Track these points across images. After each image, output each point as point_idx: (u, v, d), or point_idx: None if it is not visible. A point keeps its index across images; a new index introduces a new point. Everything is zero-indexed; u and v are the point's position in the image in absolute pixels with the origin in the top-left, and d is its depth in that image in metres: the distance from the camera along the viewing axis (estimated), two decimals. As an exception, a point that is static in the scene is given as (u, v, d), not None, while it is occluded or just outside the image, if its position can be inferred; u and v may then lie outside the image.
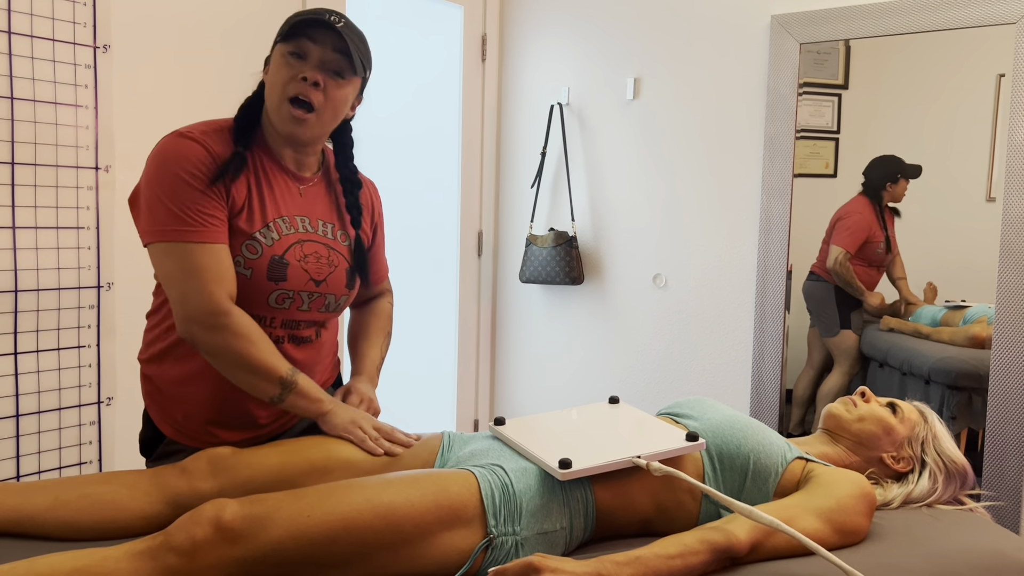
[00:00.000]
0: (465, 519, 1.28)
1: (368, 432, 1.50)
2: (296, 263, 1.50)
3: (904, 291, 2.54)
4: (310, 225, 1.55)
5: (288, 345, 1.55)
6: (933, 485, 1.57)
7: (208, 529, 1.16)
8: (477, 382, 3.49)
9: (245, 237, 1.46)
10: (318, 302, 1.56)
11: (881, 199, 2.57)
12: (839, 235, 2.64)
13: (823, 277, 2.69)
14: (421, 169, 3.38)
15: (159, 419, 1.58)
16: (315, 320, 1.58)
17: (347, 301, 1.63)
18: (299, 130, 1.47)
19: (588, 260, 3.23)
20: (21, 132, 2.01)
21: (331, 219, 1.59)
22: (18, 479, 2.09)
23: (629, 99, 3.07)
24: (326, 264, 1.55)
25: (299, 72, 1.43)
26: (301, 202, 1.55)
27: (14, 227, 2.02)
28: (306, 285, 1.52)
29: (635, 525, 1.44)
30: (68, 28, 2.08)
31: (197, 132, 1.45)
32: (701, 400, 1.63)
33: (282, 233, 1.49)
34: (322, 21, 1.43)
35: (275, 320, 1.52)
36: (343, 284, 1.59)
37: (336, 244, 1.58)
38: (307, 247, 1.53)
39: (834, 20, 2.60)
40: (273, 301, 1.50)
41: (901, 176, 2.53)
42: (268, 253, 1.47)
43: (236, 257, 1.45)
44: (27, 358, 2.07)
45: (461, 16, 3.25)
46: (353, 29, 1.47)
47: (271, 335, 1.52)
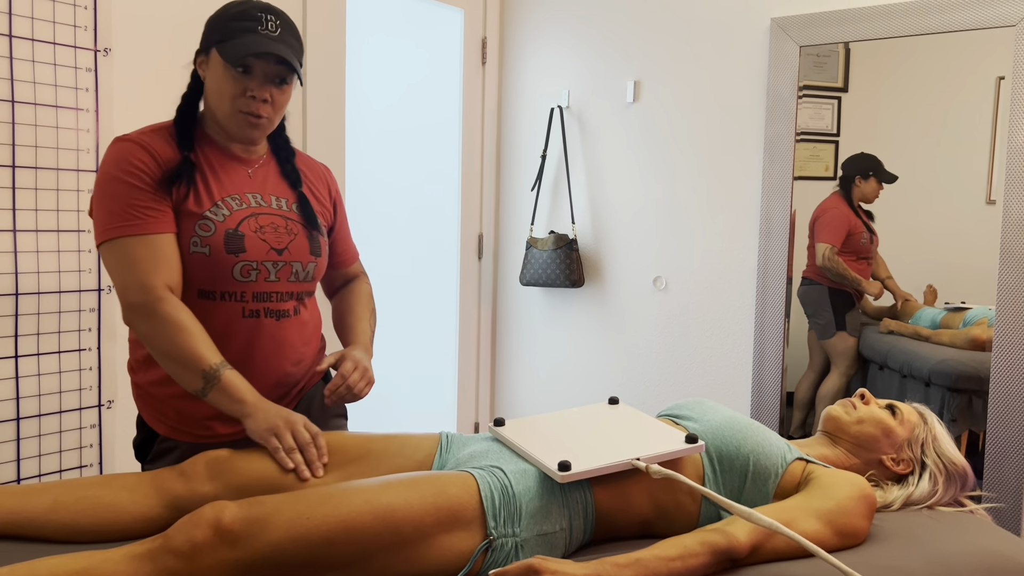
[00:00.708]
0: (465, 521, 1.28)
1: (284, 442, 1.43)
2: (252, 234, 1.53)
3: (896, 289, 2.55)
4: (262, 200, 1.58)
5: (267, 320, 1.56)
6: (933, 487, 1.57)
7: (207, 531, 1.16)
8: (478, 384, 3.49)
9: (196, 218, 1.49)
10: (285, 271, 1.57)
11: (851, 193, 2.59)
12: (821, 232, 2.66)
13: (815, 280, 2.69)
14: (422, 172, 3.38)
15: (152, 419, 1.60)
16: (289, 291, 1.60)
17: (317, 270, 1.64)
18: (253, 135, 1.55)
19: (588, 263, 3.23)
20: (22, 135, 2.02)
21: (285, 194, 1.63)
22: (19, 482, 2.09)
23: (629, 102, 3.07)
24: (284, 233, 1.58)
25: (246, 88, 1.49)
26: (251, 182, 1.59)
27: (15, 230, 2.02)
28: (268, 255, 1.54)
29: (635, 527, 1.44)
30: (69, 32, 2.08)
31: (134, 134, 1.51)
32: (701, 402, 1.63)
33: (232, 209, 1.53)
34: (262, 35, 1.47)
35: (246, 294, 1.54)
36: (307, 251, 1.60)
37: (292, 215, 1.61)
38: (262, 219, 1.55)
39: (833, 23, 2.60)
40: (238, 274, 1.52)
41: (872, 174, 2.54)
42: (221, 228, 1.50)
43: (192, 238, 1.49)
44: (28, 361, 2.08)
45: (461, 19, 3.26)
46: (288, 27, 1.52)
47: (244, 309, 1.54)
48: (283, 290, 1.58)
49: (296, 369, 1.65)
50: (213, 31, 1.50)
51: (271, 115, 1.54)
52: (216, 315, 1.53)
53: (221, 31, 1.48)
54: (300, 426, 1.46)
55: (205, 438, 1.58)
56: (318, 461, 1.44)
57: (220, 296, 1.53)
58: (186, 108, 1.57)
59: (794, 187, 2.72)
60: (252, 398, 1.46)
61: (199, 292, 1.52)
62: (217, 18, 1.50)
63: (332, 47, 2.73)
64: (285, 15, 1.53)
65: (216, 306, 1.53)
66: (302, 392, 1.71)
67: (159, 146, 1.50)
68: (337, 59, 2.76)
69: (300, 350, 1.64)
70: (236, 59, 1.45)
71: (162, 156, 1.50)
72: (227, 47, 1.46)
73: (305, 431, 1.46)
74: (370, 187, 3.30)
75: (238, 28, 1.47)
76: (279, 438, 1.43)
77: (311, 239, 1.62)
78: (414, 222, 3.40)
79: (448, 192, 3.37)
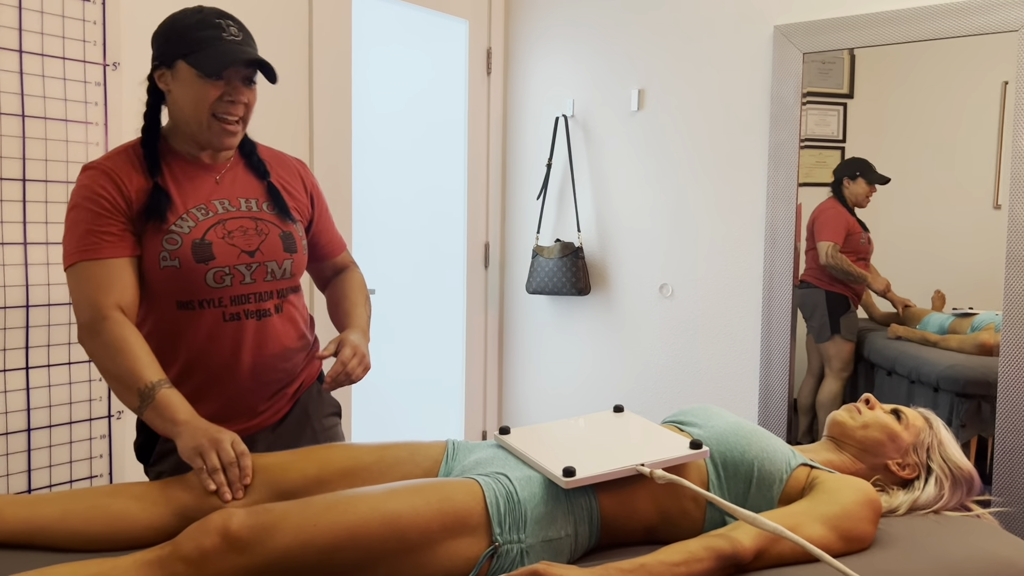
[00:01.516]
0: (470, 527, 1.29)
1: (208, 462, 1.38)
2: (220, 240, 1.54)
3: (895, 297, 2.55)
4: (230, 205, 1.59)
5: (249, 321, 1.58)
6: (940, 491, 1.57)
7: (216, 538, 1.17)
8: (485, 392, 3.50)
9: (163, 234, 1.51)
10: (259, 272, 1.58)
11: (843, 195, 2.60)
12: (822, 231, 2.67)
13: (812, 283, 2.70)
14: (428, 181, 3.40)
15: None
16: (268, 291, 1.60)
17: (293, 267, 1.64)
18: (229, 140, 1.56)
19: (594, 270, 3.24)
20: (32, 149, 2.04)
21: (255, 194, 1.63)
22: (30, 493, 2.11)
23: (633, 110, 3.09)
24: (254, 234, 1.58)
25: (223, 93, 1.51)
26: (218, 188, 1.60)
27: (25, 243, 2.05)
28: (239, 258, 1.55)
29: (640, 533, 1.44)
30: (78, 47, 2.11)
31: (100, 160, 1.55)
32: (706, 407, 1.63)
33: (198, 220, 1.54)
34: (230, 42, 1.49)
35: (224, 299, 1.55)
36: (280, 249, 1.60)
37: (263, 215, 1.61)
38: (229, 224, 1.56)
39: (836, 30, 2.61)
40: (212, 280, 1.53)
41: (860, 175, 2.56)
42: (188, 240, 1.52)
43: (161, 254, 1.51)
44: (38, 373, 2.10)
45: (466, 30, 3.28)
46: (243, 29, 1.54)
47: (224, 313, 1.55)
48: (261, 290, 1.59)
49: (287, 368, 1.66)
50: (174, 44, 1.50)
51: (245, 115, 1.56)
52: (198, 323, 1.55)
53: (185, 43, 1.49)
54: (226, 444, 1.40)
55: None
56: (238, 482, 1.40)
57: (199, 304, 1.54)
58: (150, 127, 1.58)
59: (799, 193, 2.73)
60: (184, 417, 1.43)
61: (178, 304, 1.54)
62: (174, 32, 1.50)
63: (338, 58, 2.76)
64: (235, 18, 1.55)
65: (197, 315, 1.55)
66: (298, 393, 1.72)
67: (123, 170, 1.52)
68: (343, 70, 2.78)
69: (289, 348, 1.65)
70: (215, 70, 1.47)
71: (125, 182, 1.51)
72: (199, 58, 1.48)
73: (231, 450, 1.40)
74: (377, 197, 3.32)
75: (203, 38, 1.48)
76: (203, 458, 1.38)
77: (284, 236, 1.62)
78: (421, 232, 3.42)
79: (454, 201, 3.39)
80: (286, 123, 2.63)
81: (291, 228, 1.64)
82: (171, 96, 1.54)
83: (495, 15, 3.36)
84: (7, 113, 1.99)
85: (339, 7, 2.75)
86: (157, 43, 1.53)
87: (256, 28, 2.50)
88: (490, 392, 3.52)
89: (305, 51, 2.66)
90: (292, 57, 2.62)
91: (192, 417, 1.44)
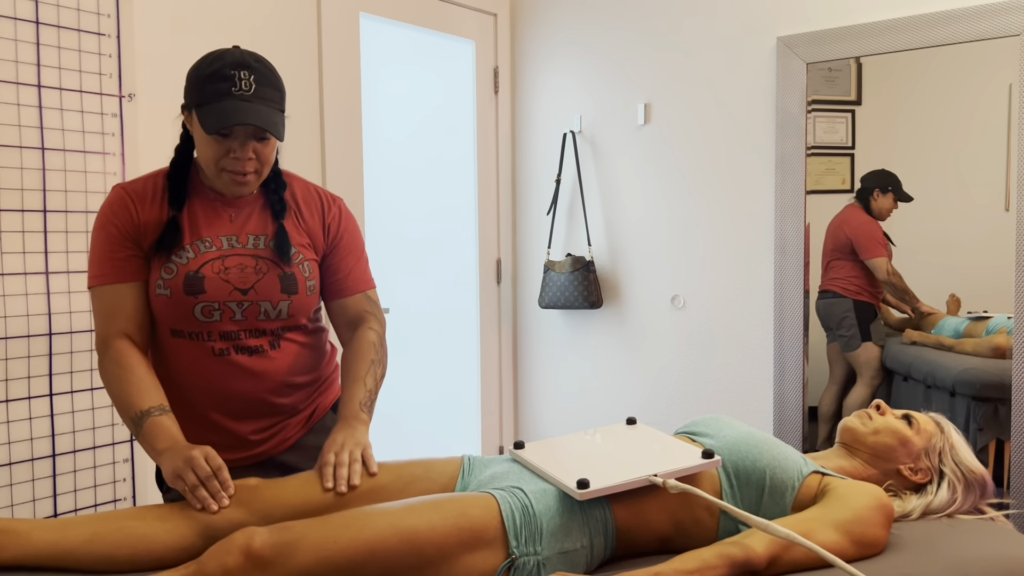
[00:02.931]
0: (487, 541, 1.31)
1: (188, 481, 1.40)
2: (214, 275, 1.55)
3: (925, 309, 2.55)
4: (237, 242, 1.59)
5: (239, 356, 1.58)
6: (952, 495, 1.57)
7: (239, 557, 1.20)
8: (501, 407, 3.52)
9: (165, 261, 1.54)
10: (251, 311, 1.57)
11: (869, 205, 2.59)
12: (870, 247, 2.63)
13: (839, 293, 2.69)
14: (439, 200, 3.44)
15: None
16: (260, 329, 1.59)
17: (291, 308, 1.60)
18: (240, 190, 1.56)
19: (606, 284, 3.26)
20: (52, 181, 2.09)
21: (263, 231, 1.61)
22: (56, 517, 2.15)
23: (640, 124, 3.12)
24: (252, 272, 1.57)
25: (228, 149, 1.50)
26: (231, 225, 1.60)
27: (47, 272, 2.09)
28: (231, 295, 1.55)
29: (654, 543, 1.46)
30: (95, 79, 2.17)
31: (129, 182, 1.58)
32: (717, 418, 1.65)
33: (199, 252, 1.55)
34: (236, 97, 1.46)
35: (212, 334, 1.56)
36: (276, 290, 1.57)
37: (266, 252, 1.59)
38: (229, 261, 1.56)
39: (839, 39, 2.63)
40: (199, 314, 1.54)
41: (891, 190, 2.55)
42: (183, 271, 1.54)
43: (158, 281, 1.54)
44: (62, 399, 2.14)
45: (473, 51, 3.33)
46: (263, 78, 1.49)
47: (212, 348, 1.56)
48: (254, 328, 1.58)
49: (289, 400, 1.65)
50: (191, 91, 1.49)
51: (258, 169, 1.53)
52: (188, 352, 1.57)
53: (197, 93, 1.48)
54: (200, 460, 1.41)
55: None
56: (222, 492, 1.41)
57: (188, 335, 1.56)
58: (179, 162, 1.59)
59: (807, 202, 2.74)
60: (164, 445, 1.44)
61: (171, 331, 1.57)
62: (194, 76, 1.49)
63: (347, 81, 2.80)
64: (260, 64, 1.49)
65: (187, 344, 1.57)
66: (309, 423, 1.72)
67: (141, 197, 1.55)
68: (352, 93, 2.83)
69: (284, 382, 1.63)
70: (214, 129, 1.44)
71: (139, 208, 1.54)
72: (203, 113, 1.46)
73: (205, 464, 1.41)
74: (389, 217, 3.36)
75: (212, 92, 1.46)
76: (184, 479, 1.40)
77: (284, 278, 1.59)
78: (433, 250, 3.45)
79: (465, 219, 3.42)
80: (297, 147, 2.67)
81: (294, 270, 1.61)
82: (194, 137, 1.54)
83: (501, 35, 3.41)
84: (28, 147, 2.04)
85: (348, 31, 2.80)
86: (185, 83, 1.55)
87: (265, 52, 2.55)
88: (506, 407, 3.54)
89: (315, 76, 2.71)
90: (302, 82, 2.67)
91: (172, 444, 1.45)
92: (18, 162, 2.03)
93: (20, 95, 2.03)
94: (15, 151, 2.02)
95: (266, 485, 1.48)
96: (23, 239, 2.05)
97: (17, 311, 2.04)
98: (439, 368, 3.49)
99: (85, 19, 2.13)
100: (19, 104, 2.02)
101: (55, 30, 2.08)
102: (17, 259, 2.04)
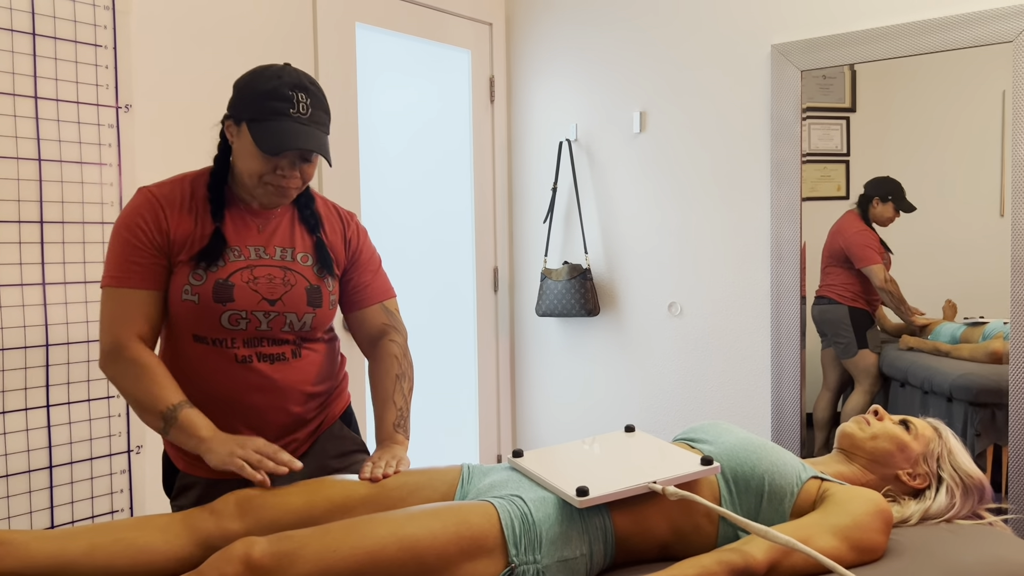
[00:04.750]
0: (487, 549, 1.31)
1: (249, 457, 1.44)
2: (243, 284, 1.56)
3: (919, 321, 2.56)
4: (265, 253, 1.60)
5: (261, 364, 1.59)
6: (951, 500, 1.58)
7: (238, 566, 1.20)
8: (499, 416, 3.52)
9: (193, 267, 1.54)
10: (277, 321, 1.59)
11: (868, 213, 2.59)
12: (865, 255, 2.64)
13: (834, 299, 2.70)
14: (435, 209, 3.44)
15: (173, 454, 1.67)
16: (283, 339, 1.61)
17: (315, 320, 1.63)
18: (279, 201, 1.58)
19: (603, 291, 3.26)
20: (49, 192, 2.09)
21: (291, 244, 1.64)
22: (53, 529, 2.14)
23: (636, 132, 3.13)
24: (280, 284, 1.59)
25: (276, 167, 1.51)
26: (259, 236, 1.61)
27: (44, 283, 2.09)
28: (259, 305, 1.56)
29: (654, 550, 1.46)
30: (91, 90, 2.17)
31: (154, 184, 1.57)
32: (716, 424, 1.65)
33: (228, 261, 1.56)
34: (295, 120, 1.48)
35: (236, 341, 1.57)
36: (303, 302, 1.61)
37: (295, 265, 1.62)
38: (258, 271, 1.58)
39: (833, 46, 2.65)
40: (226, 322, 1.55)
41: (891, 199, 2.55)
42: (212, 278, 1.54)
43: (184, 287, 1.54)
44: (59, 410, 2.13)
45: (469, 60, 3.34)
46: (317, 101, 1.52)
47: (236, 355, 1.57)
48: (276, 337, 1.60)
49: (303, 409, 1.66)
50: (245, 105, 1.50)
51: (299, 186, 1.57)
52: (209, 358, 1.58)
53: (253, 108, 1.49)
54: (260, 442, 1.48)
55: (217, 474, 1.62)
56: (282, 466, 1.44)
57: (211, 342, 1.57)
58: (219, 172, 1.59)
59: (803, 208, 2.75)
60: (209, 433, 1.48)
61: (193, 337, 1.57)
62: (249, 90, 1.50)
63: (344, 91, 2.81)
64: (314, 87, 1.53)
65: (209, 350, 1.57)
66: (316, 433, 1.73)
67: (171, 204, 1.55)
68: (349, 103, 2.84)
69: (306, 391, 1.65)
70: (271, 150, 1.46)
71: (168, 216, 1.54)
72: (259, 131, 1.48)
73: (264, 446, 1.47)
74: (385, 225, 3.36)
75: (270, 110, 1.47)
76: (244, 458, 1.44)
77: (310, 290, 1.62)
78: (430, 258, 3.46)
79: (462, 227, 3.43)
80: (295, 157, 2.67)
81: (321, 283, 1.64)
82: (234, 148, 1.55)
83: (496, 44, 3.42)
84: (24, 158, 2.05)
85: (344, 41, 2.81)
86: (234, 94, 1.54)
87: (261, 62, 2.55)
88: (504, 415, 3.53)
89: (311, 86, 2.71)
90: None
91: (215, 432, 1.49)
92: (15, 173, 2.03)
93: (17, 106, 2.03)
94: (11, 162, 2.02)
95: (266, 495, 1.48)
96: (20, 250, 2.05)
97: (14, 322, 2.04)
98: (437, 377, 3.49)
99: (82, 30, 2.14)
100: (15, 115, 2.03)
101: (52, 41, 2.08)
102: (14, 270, 2.04)
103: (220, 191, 1.58)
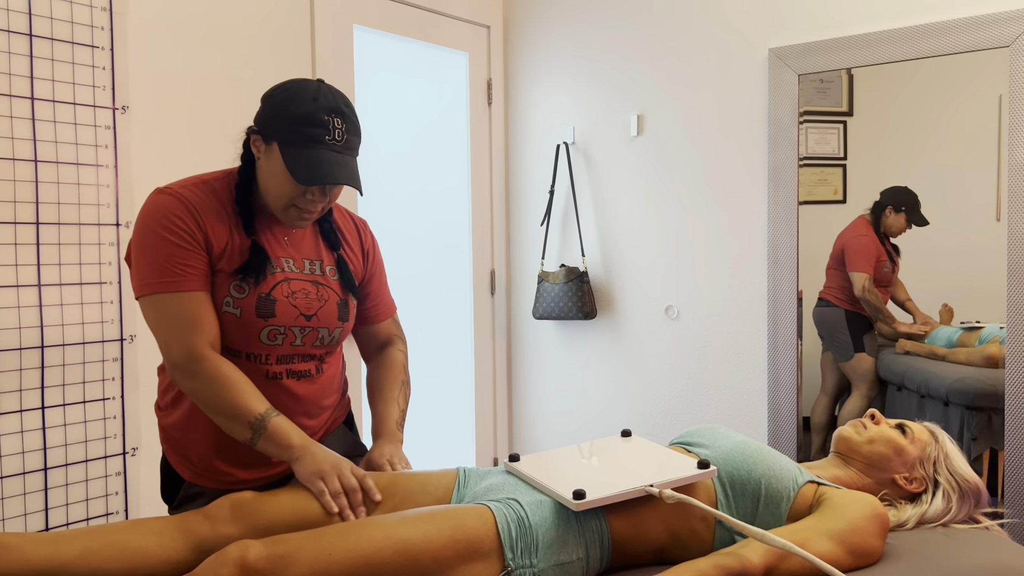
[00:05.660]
0: (482, 553, 1.31)
1: (330, 486, 1.44)
2: (284, 299, 1.54)
3: (916, 312, 2.56)
4: (295, 266, 1.58)
5: (289, 380, 1.58)
6: (947, 504, 1.58)
7: (233, 570, 1.20)
8: (495, 419, 3.52)
9: (233, 278, 1.51)
10: (311, 336, 1.58)
11: (880, 221, 2.59)
12: (855, 260, 2.64)
13: (832, 302, 2.70)
14: (433, 211, 3.44)
15: (177, 464, 1.64)
16: (311, 354, 1.61)
17: (342, 334, 1.65)
18: (302, 224, 1.55)
19: (600, 294, 3.26)
20: (45, 193, 2.09)
21: (318, 256, 1.63)
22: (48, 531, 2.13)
23: (633, 135, 3.13)
24: (315, 299, 1.58)
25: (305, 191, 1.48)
26: (286, 248, 1.59)
27: (39, 285, 2.09)
28: (296, 320, 1.55)
29: (650, 554, 1.46)
30: (88, 92, 2.17)
31: (176, 186, 1.51)
32: (712, 428, 1.65)
33: (268, 274, 1.54)
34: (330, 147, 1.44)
35: (270, 357, 1.56)
36: (335, 317, 1.61)
37: (324, 279, 1.61)
38: (294, 285, 1.56)
39: (830, 51, 2.65)
40: (265, 337, 1.53)
41: (904, 210, 2.55)
42: (255, 292, 1.51)
43: (226, 298, 1.50)
44: (54, 412, 2.13)
45: (466, 63, 3.34)
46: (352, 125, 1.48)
47: (267, 372, 1.56)
48: (307, 353, 1.60)
49: (312, 421, 1.66)
50: (277, 124, 1.45)
51: (324, 209, 1.54)
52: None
53: (287, 130, 1.44)
54: (347, 471, 1.46)
55: (227, 484, 1.61)
56: (360, 507, 1.45)
57: (245, 356, 1.55)
58: (244, 184, 1.55)
59: (800, 212, 2.75)
60: (299, 442, 1.48)
61: (224, 348, 1.54)
62: (283, 110, 1.45)
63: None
64: (349, 110, 1.48)
65: (239, 364, 1.55)
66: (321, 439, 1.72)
67: (206, 210, 1.50)
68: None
69: (318, 404, 1.66)
70: (304, 180, 1.42)
71: (206, 221, 1.49)
72: (293, 157, 1.44)
73: (351, 476, 1.46)
74: (382, 228, 3.36)
75: (305, 136, 1.43)
76: (325, 482, 1.44)
77: (340, 305, 1.62)
78: (427, 261, 3.45)
79: (459, 230, 3.43)
80: (292, 159, 2.67)
81: (348, 297, 1.65)
82: (259, 163, 1.51)
83: (494, 47, 3.42)
84: (21, 159, 2.04)
85: (341, 44, 2.81)
86: (264, 108, 1.48)
87: (259, 65, 2.56)
88: (500, 419, 3.53)
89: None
90: (296, 95, 2.67)
91: (307, 442, 1.48)
92: (11, 174, 2.02)
93: (13, 107, 2.02)
94: (8, 163, 2.02)
95: (260, 498, 1.47)
96: (15, 251, 2.04)
97: (9, 323, 2.03)
98: (433, 380, 3.49)
99: (79, 31, 2.14)
100: (12, 116, 2.02)
101: (49, 42, 2.08)
102: (9, 271, 2.03)
103: (249, 203, 1.54)
